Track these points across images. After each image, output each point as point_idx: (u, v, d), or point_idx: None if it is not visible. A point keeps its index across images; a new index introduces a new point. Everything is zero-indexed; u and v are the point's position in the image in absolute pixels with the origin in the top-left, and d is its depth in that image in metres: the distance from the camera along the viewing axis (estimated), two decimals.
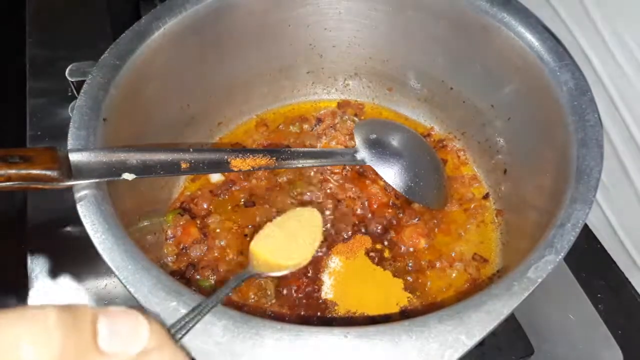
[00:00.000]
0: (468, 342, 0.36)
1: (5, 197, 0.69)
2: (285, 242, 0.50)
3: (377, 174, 0.63)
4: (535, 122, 0.57)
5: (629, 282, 0.61)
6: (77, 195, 0.43)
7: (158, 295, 0.38)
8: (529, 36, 0.54)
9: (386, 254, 0.62)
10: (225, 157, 0.52)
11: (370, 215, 0.64)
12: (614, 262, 0.62)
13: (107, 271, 0.61)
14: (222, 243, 0.62)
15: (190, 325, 0.35)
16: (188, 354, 0.35)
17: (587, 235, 0.64)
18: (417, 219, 0.64)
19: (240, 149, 0.58)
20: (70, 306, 0.25)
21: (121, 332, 0.26)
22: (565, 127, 0.50)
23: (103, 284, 0.62)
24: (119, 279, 0.39)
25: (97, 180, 0.43)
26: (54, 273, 0.62)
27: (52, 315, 0.24)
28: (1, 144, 0.40)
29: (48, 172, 0.39)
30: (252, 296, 0.58)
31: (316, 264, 0.61)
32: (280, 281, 0.59)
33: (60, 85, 0.73)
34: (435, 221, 0.64)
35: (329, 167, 0.67)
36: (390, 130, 0.67)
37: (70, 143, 0.46)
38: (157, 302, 0.37)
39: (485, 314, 0.37)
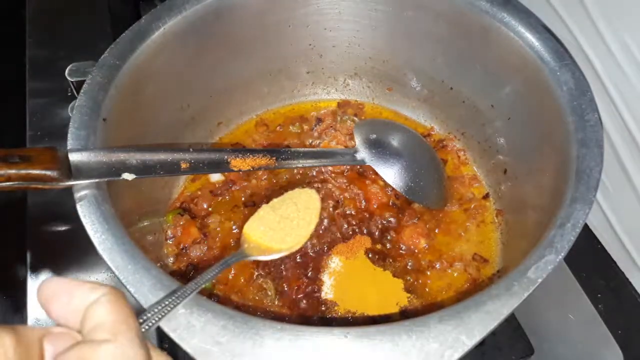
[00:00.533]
0: (468, 342, 0.36)
1: (4, 196, 0.69)
2: (280, 225, 0.50)
3: (377, 174, 0.63)
4: (536, 122, 0.57)
5: (629, 282, 0.61)
6: (77, 195, 0.43)
7: (158, 295, 0.38)
8: (529, 36, 0.54)
9: (386, 254, 0.62)
10: (225, 157, 0.52)
11: (370, 215, 0.64)
12: (614, 262, 0.62)
13: (107, 271, 0.62)
14: (222, 243, 0.62)
15: (169, 309, 0.35)
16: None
17: (587, 235, 0.64)
18: (417, 219, 0.64)
19: (240, 149, 0.58)
20: (19, 329, 0.27)
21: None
22: (565, 127, 0.49)
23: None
24: (119, 279, 0.39)
25: (97, 180, 0.43)
26: (53, 273, 0.62)
27: (9, 342, 0.25)
28: (1, 144, 0.40)
29: (48, 172, 0.40)
30: (252, 296, 0.58)
31: (316, 264, 0.61)
32: (281, 281, 0.59)
33: (60, 85, 0.73)
34: (436, 221, 0.64)
35: (329, 167, 0.67)
36: (390, 130, 0.67)
37: (70, 143, 0.46)
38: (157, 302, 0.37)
39: (485, 314, 0.37)
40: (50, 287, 0.29)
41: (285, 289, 0.58)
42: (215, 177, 0.68)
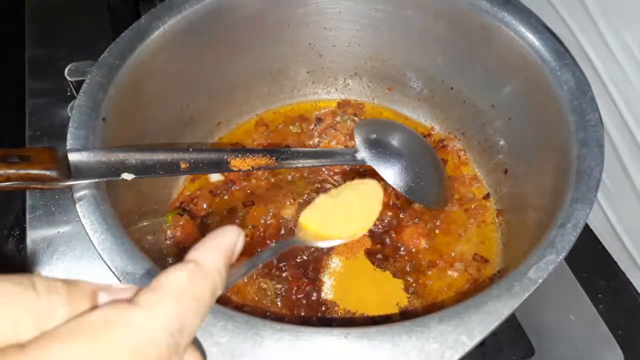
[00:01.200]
0: (468, 342, 0.36)
1: (3, 196, 0.69)
2: (339, 213, 0.46)
3: (377, 174, 0.63)
4: (536, 121, 0.57)
5: (630, 282, 0.61)
6: (76, 195, 0.43)
7: None
8: (530, 35, 0.54)
9: (386, 254, 0.62)
10: (225, 157, 0.52)
11: None
12: (615, 262, 0.62)
13: (107, 271, 0.61)
14: None
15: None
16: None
17: (587, 235, 0.64)
18: (417, 219, 0.63)
19: (240, 149, 0.58)
20: (72, 280, 0.25)
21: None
22: (565, 127, 0.49)
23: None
24: (118, 279, 0.39)
25: (96, 180, 0.43)
26: (51, 274, 0.62)
27: (59, 286, 0.24)
28: (0, 144, 0.40)
29: (47, 172, 0.39)
30: (252, 297, 0.58)
31: (316, 264, 0.60)
32: (281, 281, 0.59)
33: (60, 85, 0.73)
34: (436, 221, 0.64)
35: (329, 167, 0.67)
36: (391, 130, 0.67)
37: (70, 143, 0.46)
38: None
39: (485, 315, 0.37)
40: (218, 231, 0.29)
41: (285, 289, 0.58)
42: (215, 177, 0.68)
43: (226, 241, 0.29)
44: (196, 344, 0.30)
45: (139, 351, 0.22)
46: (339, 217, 0.45)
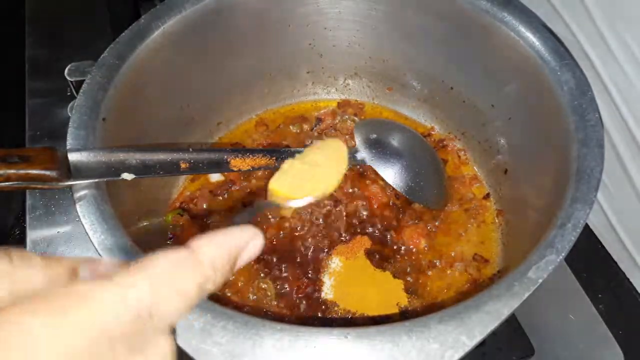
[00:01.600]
0: (468, 342, 0.36)
1: (3, 196, 0.69)
2: (307, 174, 0.47)
3: (377, 174, 0.63)
4: (536, 122, 0.57)
5: (630, 282, 0.61)
6: (77, 195, 0.43)
7: None
8: (530, 35, 0.54)
9: (386, 254, 0.62)
10: (225, 157, 0.52)
11: (370, 215, 0.64)
12: (615, 262, 0.62)
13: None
14: None
15: None
16: None
17: (587, 235, 0.64)
18: (417, 219, 0.63)
19: (240, 149, 0.58)
20: (53, 256, 0.24)
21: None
22: (566, 127, 0.49)
23: None
24: None
25: (96, 180, 0.43)
26: None
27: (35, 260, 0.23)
28: (0, 144, 0.40)
29: (47, 172, 0.39)
30: (252, 297, 0.58)
31: (316, 265, 0.60)
32: (281, 281, 0.59)
33: (60, 85, 0.73)
34: (436, 221, 0.64)
35: None
36: (391, 130, 0.67)
37: (70, 143, 0.46)
38: None
39: (485, 315, 0.37)
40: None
41: (285, 289, 0.58)
42: (215, 177, 0.68)
43: (236, 239, 0.27)
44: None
45: (100, 327, 0.21)
46: (307, 178, 0.46)
